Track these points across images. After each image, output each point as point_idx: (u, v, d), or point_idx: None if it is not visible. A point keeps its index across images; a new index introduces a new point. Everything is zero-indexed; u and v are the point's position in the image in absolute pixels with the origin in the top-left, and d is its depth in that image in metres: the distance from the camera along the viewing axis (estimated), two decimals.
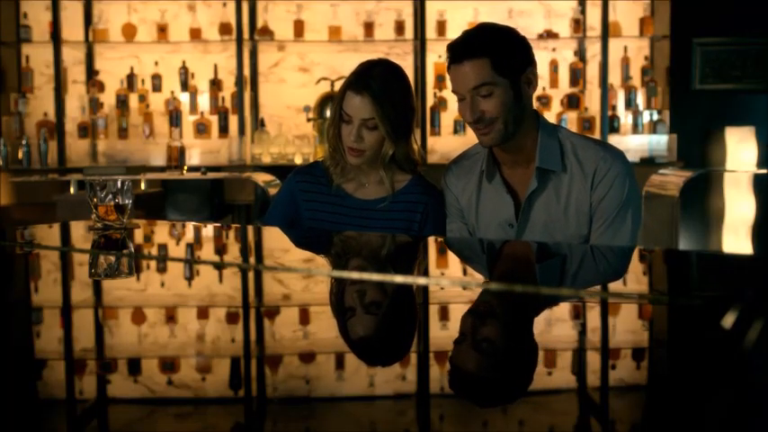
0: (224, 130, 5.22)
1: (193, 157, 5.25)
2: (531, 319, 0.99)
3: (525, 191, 1.86)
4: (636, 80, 5.31)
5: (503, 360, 0.83)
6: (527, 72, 1.81)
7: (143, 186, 4.30)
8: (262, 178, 4.25)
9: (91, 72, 5.32)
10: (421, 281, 1.20)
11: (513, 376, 0.77)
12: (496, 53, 1.76)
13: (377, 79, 1.89)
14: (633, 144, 5.25)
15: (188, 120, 5.28)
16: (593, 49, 5.31)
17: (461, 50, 1.78)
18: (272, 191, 3.94)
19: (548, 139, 1.84)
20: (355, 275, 1.21)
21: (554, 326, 0.97)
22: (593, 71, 5.33)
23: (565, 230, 1.84)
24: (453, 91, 1.83)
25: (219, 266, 1.40)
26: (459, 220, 1.99)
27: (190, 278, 1.32)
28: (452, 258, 1.57)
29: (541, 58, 5.02)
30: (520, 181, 1.89)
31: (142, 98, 5.26)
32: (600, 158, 1.82)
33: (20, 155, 5.08)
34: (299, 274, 1.27)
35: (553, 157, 1.83)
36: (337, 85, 4.63)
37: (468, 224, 1.97)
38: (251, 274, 1.30)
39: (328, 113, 4.52)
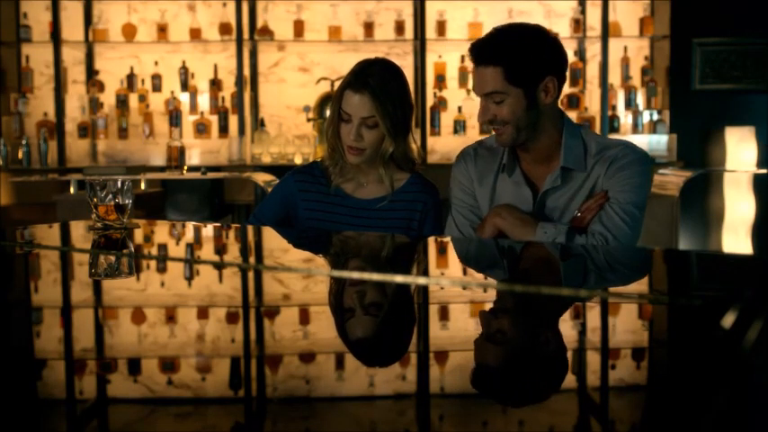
0: (224, 130, 5.22)
1: (193, 157, 5.26)
2: (530, 319, 0.99)
3: (543, 186, 1.87)
4: (636, 80, 5.31)
5: (501, 359, 0.83)
6: (545, 81, 1.79)
7: (143, 186, 4.30)
8: (262, 178, 4.25)
9: (91, 72, 5.32)
10: (421, 281, 1.20)
11: (511, 375, 0.77)
12: (510, 62, 1.75)
13: (375, 77, 1.90)
14: None
15: (188, 120, 5.28)
16: (593, 49, 5.31)
17: (477, 55, 1.79)
18: None
19: (572, 140, 1.85)
20: (355, 275, 1.21)
21: (553, 325, 0.97)
22: (593, 71, 5.33)
23: None
24: (473, 88, 1.86)
25: (219, 266, 1.40)
26: (465, 207, 1.95)
27: (190, 278, 1.32)
28: (452, 258, 1.57)
29: None
30: (539, 176, 1.89)
31: (142, 98, 5.26)
32: (620, 150, 1.84)
33: (20, 155, 5.08)
34: (299, 274, 1.27)
35: (577, 157, 1.84)
36: (337, 85, 4.63)
37: (481, 215, 1.94)
38: (251, 274, 1.30)
39: (328, 113, 4.52)
